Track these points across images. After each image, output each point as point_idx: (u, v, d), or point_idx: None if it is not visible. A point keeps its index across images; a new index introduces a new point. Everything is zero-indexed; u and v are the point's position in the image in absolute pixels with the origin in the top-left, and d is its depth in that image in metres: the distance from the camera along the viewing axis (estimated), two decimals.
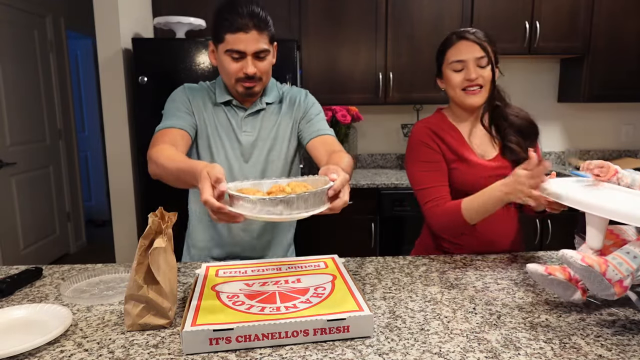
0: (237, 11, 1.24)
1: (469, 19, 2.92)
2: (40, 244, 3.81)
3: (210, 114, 1.39)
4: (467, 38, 1.30)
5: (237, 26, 1.24)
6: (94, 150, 5.19)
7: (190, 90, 1.41)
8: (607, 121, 3.44)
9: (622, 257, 0.89)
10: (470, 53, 1.29)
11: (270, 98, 1.41)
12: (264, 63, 1.31)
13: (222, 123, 1.38)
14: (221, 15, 1.26)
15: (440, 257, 1.36)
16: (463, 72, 1.31)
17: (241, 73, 1.29)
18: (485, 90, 1.32)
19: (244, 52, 1.27)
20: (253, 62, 1.28)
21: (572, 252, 0.88)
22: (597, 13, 2.95)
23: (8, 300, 1.10)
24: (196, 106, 1.38)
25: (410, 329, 0.93)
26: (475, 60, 1.29)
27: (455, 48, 1.31)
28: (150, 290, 0.94)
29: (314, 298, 0.96)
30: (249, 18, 1.23)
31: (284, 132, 1.42)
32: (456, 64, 1.31)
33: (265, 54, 1.29)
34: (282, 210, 0.86)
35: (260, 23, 1.26)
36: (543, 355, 0.83)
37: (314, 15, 2.89)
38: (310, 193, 0.88)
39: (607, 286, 0.87)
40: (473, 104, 1.33)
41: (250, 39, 1.25)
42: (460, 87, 1.32)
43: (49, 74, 3.96)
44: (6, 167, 3.36)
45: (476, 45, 1.29)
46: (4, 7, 3.36)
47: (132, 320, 0.93)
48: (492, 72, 1.32)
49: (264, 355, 0.83)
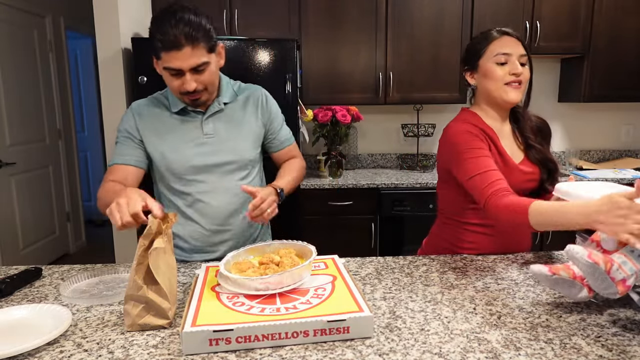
0: (166, 28, 1.18)
1: (469, 18, 2.92)
2: (39, 244, 3.81)
3: (169, 123, 1.37)
4: (510, 34, 1.31)
5: (168, 45, 1.19)
6: (94, 150, 5.19)
7: (138, 111, 1.38)
8: (607, 121, 3.44)
9: (627, 256, 0.89)
10: (516, 48, 1.29)
11: (226, 98, 1.40)
12: (205, 75, 1.27)
13: (182, 130, 1.36)
14: (153, 31, 1.21)
15: (440, 257, 1.35)
16: (507, 66, 1.29)
17: (182, 89, 1.26)
18: (524, 88, 1.33)
19: (180, 69, 1.22)
20: (192, 77, 1.24)
21: (578, 248, 0.88)
22: (598, 13, 2.94)
23: (8, 301, 1.09)
24: (145, 128, 1.36)
25: (411, 329, 0.93)
26: (519, 57, 1.30)
27: (501, 41, 1.30)
28: (149, 290, 0.94)
29: (314, 299, 0.96)
30: (180, 33, 1.17)
31: (247, 131, 1.42)
32: (501, 56, 1.29)
33: (204, 66, 1.25)
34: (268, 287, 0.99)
35: (194, 36, 1.19)
36: (544, 356, 0.83)
37: (314, 15, 2.89)
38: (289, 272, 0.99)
39: (610, 284, 0.87)
40: (513, 99, 1.31)
41: (184, 55, 1.20)
42: (503, 81, 1.30)
43: (48, 73, 3.96)
44: (6, 167, 3.36)
45: (519, 43, 1.31)
46: (3, 7, 3.36)
47: (132, 320, 0.93)
48: (531, 73, 1.34)
49: (264, 356, 0.83)
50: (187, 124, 1.38)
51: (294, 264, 1.05)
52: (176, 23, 1.18)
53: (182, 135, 1.37)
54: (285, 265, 1.04)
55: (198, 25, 1.20)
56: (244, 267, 1.06)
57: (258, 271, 1.03)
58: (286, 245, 1.17)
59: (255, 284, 0.98)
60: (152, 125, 1.37)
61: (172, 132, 1.37)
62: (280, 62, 2.52)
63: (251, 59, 2.51)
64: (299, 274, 1.01)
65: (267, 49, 2.52)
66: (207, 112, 1.38)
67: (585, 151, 3.45)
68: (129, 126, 1.37)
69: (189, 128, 1.37)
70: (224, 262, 1.08)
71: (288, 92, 2.51)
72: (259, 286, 0.98)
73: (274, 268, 1.05)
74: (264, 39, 2.53)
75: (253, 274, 1.01)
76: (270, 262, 1.08)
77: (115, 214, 1.01)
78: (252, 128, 1.43)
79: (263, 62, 2.52)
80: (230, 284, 1.01)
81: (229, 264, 1.09)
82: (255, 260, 1.13)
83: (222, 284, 1.02)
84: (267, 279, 0.97)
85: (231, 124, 1.40)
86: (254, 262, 1.11)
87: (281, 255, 1.11)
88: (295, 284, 1.00)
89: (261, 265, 1.07)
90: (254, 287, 0.98)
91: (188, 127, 1.37)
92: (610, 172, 2.99)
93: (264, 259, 1.10)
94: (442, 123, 3.29)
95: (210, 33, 1.25)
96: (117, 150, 1.37)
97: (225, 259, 1.09)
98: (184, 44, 1.19)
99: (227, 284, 1.01)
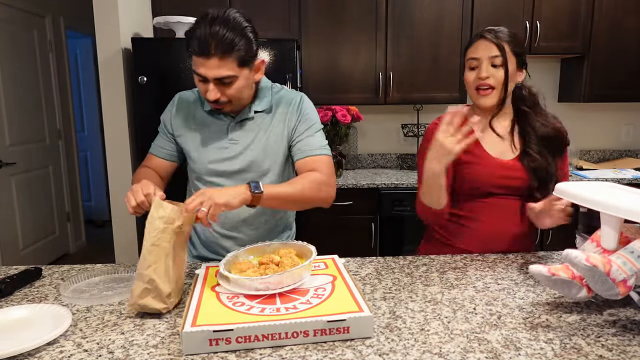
0: (199, 32, 1.15)
1: (469, 19, 2.92)
2: (39, 244, 3.80)
3: (199, 121, 1.37)
4: (485, 37, 1.30)
5: (198, 50, 1.16)
6: (94, 150, 5.19)
7: (179, 104, 1.40)
8: (607, 121, 3.44)
9: (626, 256, 0.89)
10: (485, 51, 1.29)
11: (260, 106, 1.34)
12: (231, 88, 1.21)
13: (209, 131, 1.36)
14: (190, 31, 1.19)
15: (440, 257, 1.35)
16: (476, 71, 1.31)
17: (205, 96, 1.24)
18: (498, 91, 1.31)
19: (205, 76, 1.19)
20: (216, 87, 1.21)
21: (576, 252, 0.87)
22: (598, 13, 2.94)
23: (8, 301, 1.09)
24: (178, 122, 1.37)
25: (411, 329, 0.93)
26: (489, 59, 1.29)
27: (474, 46, 1.32)
28: (156, 270, 0.98)
29: (314, 299, 0.96)
30: (211, 42, 1.14)
31: (273, 141, 1.34)
32: (472, 61, 1.31)
33: (230, 79, 1.20)
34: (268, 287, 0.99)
35: (225, 47, 1.15)
36: (544, 356, 0.83)
37: (314, 15, 2.89)
38: (289, 272, 0.99)
39: (611, 286, 0.87)
40: (482, 104, 1.33)
41: (211, 64, 1.16)
42: (473, 86, 1.32)
43: (48, 73, 3.96)
44: (6, 167, 3.36)
45: (493, 44, 1.28)
46: (3, 7, 3.36)
47: (134, 299, 0.98)
48: (506, 74, 1.29)
49: (264, 356, 0.83)
50: (215, 125, 1.35)
51: (294, 264, 1.05)
52: (211, 30, 1.14)
53: (208, 135, 1.35)
54: (285, 265, 1.04)
55: (232, 39, 1.15)
56: (244, 267, 1.06)
57: (258, 271, 1.04)
58: (286, 245, 1.17)
59: (255, 284, 0.98)
60: (185, 121, 1.38)
61: (199, 130, 1.36)
62: (280, 62, 2.52)
63: None
64: (299, 274, 1.01)
65: (267, 49, 2.51)
66: (236, 117, 1.34)
67: (585, 151, 3.44)
68: (166, 117, 1.41)
69: (215, 130, 1.35)
70: (224, 262, 1.08)
71: None
72: (259, 286, 0.98)
73: (274, 268, 1.05)
74: (264, 39, 2.52)
75: (253, 274, 1.01)
76: (270, 262, 1.08)
77: (130, 197, 1.11)
78: (278, 135, 1.34)
79: None
80: (230, 284, 1.01)
81: (229, 264, 1.09)
82: (255, 260, 1.13)
83: (222, 284, 1.02)
84: (267, 279, 0.97)
85: (258, 133, 1.34)
86: (254, 262, 1.11)
87: (281, 255, 1.11)
88: (295, 284, 1.00)
89: (261, 265, 1.08)
90: (254, 287, 0.98)
91: (215, 128, 1.35)
92: (610, 172, 2.99)
93: (264, 259, 1.10)
94: None
95: (245, 48, 1.19)
96: (155, 140, 1.44)
97: (225, 259, 1.09)
98: (213, 53, 1.15)
99: (227, 284, 1.01)
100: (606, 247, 0.99)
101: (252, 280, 0.97)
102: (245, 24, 1.20)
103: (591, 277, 0.88)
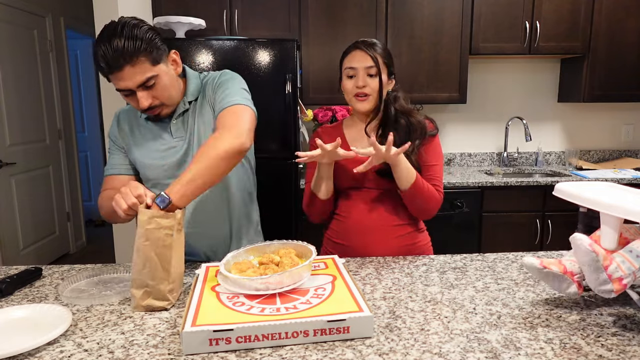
0: (100, 53, 1.14)
1: (469, 19, 2.92)
2: (40, 244, 3.81)
3: (143, 130, 1.37)
4: (360, 48, 1.39)
5: (109, 68, 1.15)
6: (94, 150, 5.19)
7: (121, 118, 1.40)
8: (607, 121, 3.44)
9: (625, 255, 0.89)
10: (361, 62, 1.37)
11: (191, 95, 1.34)
12: (157, 89, 1.22)
13: (154, 135, 1.35)
14: (94, 58, 1.18)
15: (440, 257, 1.36)
16: (354, 80, 1.39)
17: (138, 108, 1.23)
18: (373, 98, 1.40)
19: (128, 88, 1.19)
20: (143, 94, 1.20)
21: (583, 236, 0.89)
22: (598, 13, 2.94)
23: (8, 300, 1.10)
24: (124, 135, 1.38)
25: (411, 329, 0.93)
26: (365, 69, 1.37)
27: (350, 56, 1.41)
28: (150, 274, 1.02)
29: (314, 299, 0.96)
30: (116, 54, 1.13)
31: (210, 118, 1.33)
32: (349, 70, 1.40)
33: (152, 80, 1.20)
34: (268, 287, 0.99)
35: (130, 54, 1.14)
36: (543, 356, 0.83)
37: (314, 15, 2.89)
38: (289, 272, 0.99)
39: (606, 280, 0.87)
40: (360, 109, 1.42)
41: (127, 75, 1.16)
42: (351, 94, 1.41)
43: (48, 73, 3.96)
44: (6, 167, 3.36)
45: (367, 55, 1.37)
46: (4, 7, 3.36)
47: (137, 302, 1.01)
48: (380, 83, 1.38)
49: (264, 356, 0.83)
50: (157, 129, 1.35)
51: (294, 264, 1.05)
52: (109, 44, 1.13)
53: (153, 141, 1.35)
54: (285, 265, 1.05)
55: (134, 42, 1.15)
56: (243, 267, 1.06)
57: (258, 271, 1.04)
58: (286, 245, 1.17)
59: (255, 284, 0.98)
60: (130, 132, 1.38)
61: (145, 138, 1.36)
62: (280, 62, 2.52)
63: (251, 59, 2.51)
64: (299, 274, 1.01)
65: (267, 49, 2.52)
66: (174, 115, 1.33)
67: (585, 151, 3.44)
68: (113, 134, 1.41)
69: (159, 133, 1.35)
70: (224, 262, 1.08)
71: (288, 92, 2.51)
72: (259, 286, 0.98)
73: (273, 268, 1.05)
74: (264, 39, 2.53)
75: (253, 274, 1.01)
76: (270, 262, 1.08)
77: (120, 200, 1.07)
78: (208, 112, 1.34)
79: (263, 62, 2.52)
80: (230, 284, 1.01)
81: (229, 264, 1.09)
82: (255, 260, 1.13)
83: (222, 284, 1.02)
84: (267, 279, 0.97)
85: (198, 118, 1.34)
86: (253, 262, 1.12)
87: (281, 255, 1.11)
88: (295, 284, 1.00)
89: (261, 265, 1.08)
90: (254, 287, 0.98)
91: (159, 132, 1.35)
92: (610, 172, 2.99)
93: (264, 259, 1.10)
94: (442, 123, 3.29)
95: (152, 44, 1.18)
96: (109, 160, 1.41)
97: (225, 259, 1.09)
98: (122, 64, 1.15)
99: (227, 284, 1.01)
100: (606, 247, 0.99)
101: (252, 280, 0.98)
102: (138, 25, 1.19)
103: (588, 264, 0.88)
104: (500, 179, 2.79)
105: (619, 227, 0.98)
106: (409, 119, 1.43)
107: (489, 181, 2.75)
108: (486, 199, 2.78)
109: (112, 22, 1.19)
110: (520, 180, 2.77)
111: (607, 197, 0.97)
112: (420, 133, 1.41)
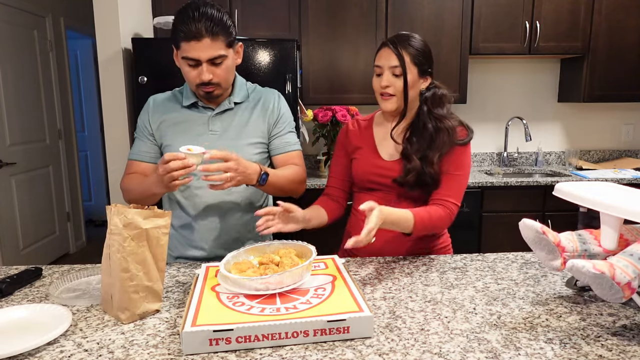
0: (189, 18, 1.23)
1: (469, 19, 2.92)
2: (40, 244, 3.81)
3: (178, 117, 1.41)
4: (387, 45, 1.34)
5: (189, 34, 1.23)
6: (94, 150, 5.19)
7: (154, 105, 1.44)
8: (607, 121, 3.44)
9: (627, 259, 0.88)
10: (387, 61, 1.33)
11: (238, 97, 1.42)
12: (221, 69, 1.30)
13: (190, 124, 1.40)
14: (176, 22, 1.26)
15: (440, 257, 1.35)
16: (380, 78, 1.35)
17: (198, 79, 1.30)
18: (398, 98, 1.34)
19: (198, 59, 1.27)
20: (208, 68, 1.28)
21: (582, 262, 0.86)
22: (598, 13, 2.95)
23: (8, 301, 1.10)
24: (156, 120, 1.42)
25: (411, 329, 0.93)
26: (390, 69, 1.32)
27: (379, 54, 1.36)
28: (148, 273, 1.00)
29: (314, 299, 0.96)
30: (201, 25, 1.22)
31: (252, 132, 1.42)
32: (376, 68, 1.37)
33: (221, 59, 1.29)
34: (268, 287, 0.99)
35: (215, 28, 1.24)
36: (543, 356, 0.83)
37: (314, 15, 2.89)
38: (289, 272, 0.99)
39: (617, 290, 0.85)
40: (385, 108, 1.38)
41: (203, 46, 1.25)
42: (377, 92, 1.38)
43: (48, 73, 3.96)
44: (6, 167, 3.36)
45: (393, 54, 1.31)
46: (4, 7, 3.36)
47: (130, 314, 0.97)
48: (405, 84, 1.32)
49: (264, 356, 0.83)
50: (195, 118, 1.41)
51: (294, 264, 1.05)
52: (199, 16, 1.22)
53: (188, 129, 1.40)
54: (285, 265, 1.05)
55: (219, 19, 1.25)
56: (243, 267, 1.06)
57: (258, 271, 1.04)
58: (286, 245, 1.17)
59: (255, 284, 0.98)
60: (162, 118, 1.42)
61: (179, 125, 1.40)
62: (280, 62, 2.52)
63: (251, 59, 2.51)
64: (299, 274, 1.01)
65: (267, 49, 2.52)
66: (216, 109, 1.40)
67: (585, 151, 3.45)
68: (144, 120, 1.44)
69: (196, 123, 1.40)
70: (224, 262, 1.08)
71: (288, 92, 2.51)
72: (259, 286, 0.98)
73: (273, 268, 1.05)
74: (264, 39, 2.53)
75: (253, 274, 1.01)
76: (270, 262, 1.08)
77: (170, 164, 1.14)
78: (258, 128, 1.43)
79: (263, 62, 2.52)
80: (230, 284, 1.01)
81: (229, 264, 1.09)
82: (255, 260, 1.13)
83: (222, 284, 1.02)
84: (267, 279, 0.97)
85: (238, 123, 1.41)
86: (253, 262, 1.12)
87: (281, 255, 1.11)
88: (295, 284, 1.00)
89: (261, 266, 1.08)
90: (254, 287, 0.98)
91: (196, 122, 1.40)
92: (610, 172, 2.99)
93: (264, 259, 1.10)
94: None
95: (230, 29, 1.29)
96: (135, 145, 1.45)
97: (225, 259, 1.09)
98: (204, 35, 1.23)
99: (227, 284, 1.01)
100: (606, 247, 0.99)
101: (252, 280, 0.98)
102: (219, 8, 1.28)
103: (598, 284, 0.86)
104: (500, 179, 2.79)
105: (619, 227, 0.98)
106: (437, 124, 1.34)
107: (489, 181, 2.75)
108: (486, 199, 2.78)
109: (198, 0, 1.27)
110: (520, 180, 2.77)
111: (607, 197, 0.97)
112: (447, 142, 1.33)
